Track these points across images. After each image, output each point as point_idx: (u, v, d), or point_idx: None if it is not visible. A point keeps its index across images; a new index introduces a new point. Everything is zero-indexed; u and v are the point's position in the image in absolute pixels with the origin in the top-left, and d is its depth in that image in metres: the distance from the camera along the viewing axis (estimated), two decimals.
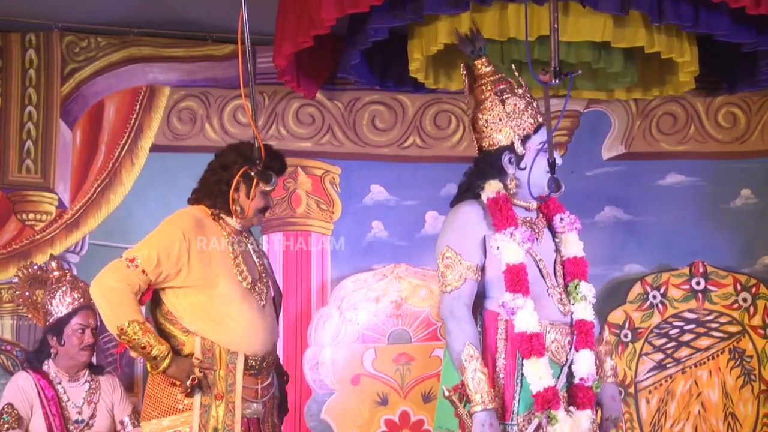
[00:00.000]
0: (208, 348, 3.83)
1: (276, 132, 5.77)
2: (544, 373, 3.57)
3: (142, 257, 3.79)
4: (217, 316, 3.85)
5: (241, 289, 3.90)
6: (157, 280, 3.82)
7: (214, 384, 3.81)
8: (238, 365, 3.82)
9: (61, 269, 4.97)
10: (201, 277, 3.84)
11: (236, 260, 3.91)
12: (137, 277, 3.78)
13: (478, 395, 3.52)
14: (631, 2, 4.58)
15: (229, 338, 3.85)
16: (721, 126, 5.90)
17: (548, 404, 3.55)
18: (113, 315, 3.75)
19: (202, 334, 3.85)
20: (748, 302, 5.80)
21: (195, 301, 3.85)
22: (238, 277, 3.90)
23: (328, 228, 5.76)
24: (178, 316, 3.88)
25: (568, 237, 3.84)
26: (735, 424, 5.73)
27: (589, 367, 3.70)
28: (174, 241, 3.82)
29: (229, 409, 3.79)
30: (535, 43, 4.78)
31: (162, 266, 3.79)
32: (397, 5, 4.63)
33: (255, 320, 3.90)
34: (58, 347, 4.73)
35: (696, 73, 5.11)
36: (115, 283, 3.78)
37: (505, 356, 3.64)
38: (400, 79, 5.50)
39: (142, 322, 3.76)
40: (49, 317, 4.77)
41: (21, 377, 4.74)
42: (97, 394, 4.80)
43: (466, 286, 3.67)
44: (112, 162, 5.63)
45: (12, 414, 4.60)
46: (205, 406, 3.80)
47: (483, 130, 3.84)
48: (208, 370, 3.80)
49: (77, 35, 5.61)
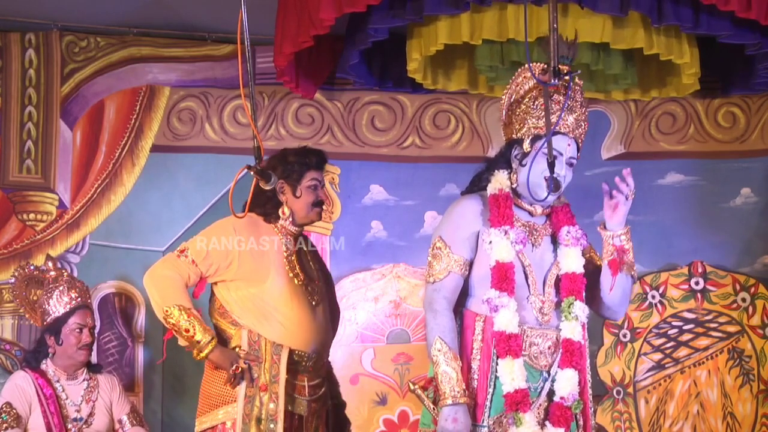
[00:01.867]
0: (254, 340, 3.91)
1: (275, 132, 5.77)
2: (517, 374, 3.55)
3: (192, 248, 3.92)
4: (265, 309, 3.93)
5: (292, 286, 3.97)
6: (208, 272, 3.93)
7: (259, 376, 3.86)
8: (282, 357, 3.88)
9: (57, 269, 4.97)
10: (252, 271, 3.92)
11: (289, 258, 3.98)
12: (187, 267, 3.90)
13: (447, 389, 3.50)
14: (630, 3, 4.58)
15: (275, 331, 3.92)
16: (721, 125, 5.90)
17: (517, 406, 3.53)
18: (161, 299, 3.87)
19: (249, 326, 3.93)
20: (747, 302, 5.81)
21: (245, 294, 3.94)
22: (289, 274, 3.98)
23: (328, 228, 5.77)
24: (229, 309, 3.97)
25: (569, 251, 3.74)
26: (734, 423, 5.74)
27: (571, 387, 3.64)
28: (226, 235, 3.93)
29: (273, 399, 3.84)
30: (535, 44, 4.78)
31: (212, 258, 3.91)
32: (397, 5, 4.63)
33: (303, 317, 3.96)
34: (56, 346, 4.73)
35: (698, 75, 5.11)
36: (164, 270, 3.91)
37: (480, 357, 3.61)
38: (399, 80, 5.51)
39: (188, 308, 3.86)
40: (47, 317, 4.77)
41: (19, 376, 4.74)
42: (95, 392, 4.80)
43: (449, 279, 3.65)
44: (113, 162, 5.63)
45: (10, 413, 4.61)
46: (249, 397, 3.85)
47: (511, 121, 3.81)
48: (253, 361, 3.87)
49: (77, 35, 5.61)
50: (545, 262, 3.76)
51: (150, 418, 5.30)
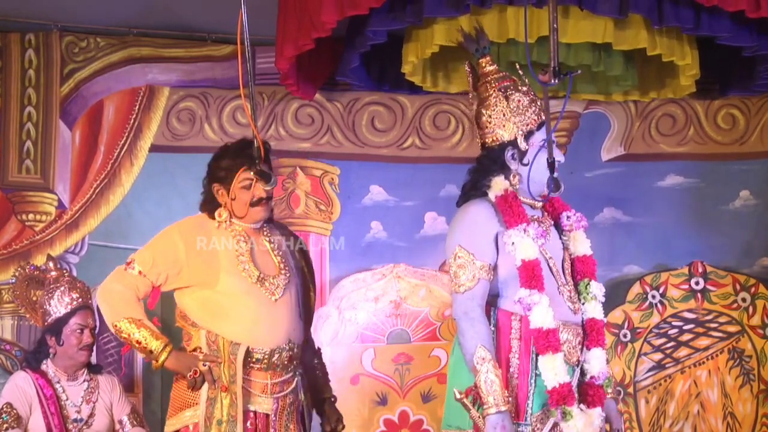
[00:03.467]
0: (212, 340, 3.90)
1: (275, 132, 5.77)
2: (559, 369, 3.57)
3: (139, 259, 3.92)
4: (220, 310, 3.91)
5: (245, 284, 3.94)
6: (158, 281, 3.93)
7: (220, 377, 3.84)
8: (239, 356, 3.85)
9: (58, 269, 4.97)
10: (203, 274, 3.91)
11: (240, 257, 3.95)
12: (134, 279, 3.90)
13: (491, 397, 3.51)
14: (629, 5, 4.58)
15: (230, 330, 3.90)
16: (721, 127, 5.90)
17: (563, 400, 3.55)
18: (110, 314, 3.87)
19: (206, 326, 3.92)
20: (747, 302, 5.81)
21: (200, 297, 3.94)
22: (242, 273, 3.94)
23: (327, 228, 5.77)
24: (187, 312, 3.97)
25: (576, 235, 3.83)
26: (734, 423, 5.74)
27: (601, 365, 3.70)
28: (170, 243, 3.93)
29: (233, 400, 3.82)
30: (535, 45, 4.78)
31: (159, 267, 3.90)
32: (397, 8, 4.63)
33: (260, 314, 3.93)
34: (56, 347, 4.73)
35: (697, 76, 5.10)
36: (112, 285, 3.92)
37: (519, 356, 3.64)
38: (397, 83, 5.49)
39: (139, 319, 3.85)
40: (48, 317, 4.77)
41: (20, 377, 4.74)
42: (95, 393, 4.80)
43: (479, 286, 3.66)
44: (112, 162, 5.63)
45: (11, 413, 4.61)
46: (211, 399, 3.85)
47: (486, 126, 3.83)
48: (212, 362, 3.85)
49: (77, 35, 5.61)
50: (559, 251, 3.80)
51: (149, 418, 5.29)
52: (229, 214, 4.02)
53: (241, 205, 4.00)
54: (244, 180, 3.99)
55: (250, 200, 4.01)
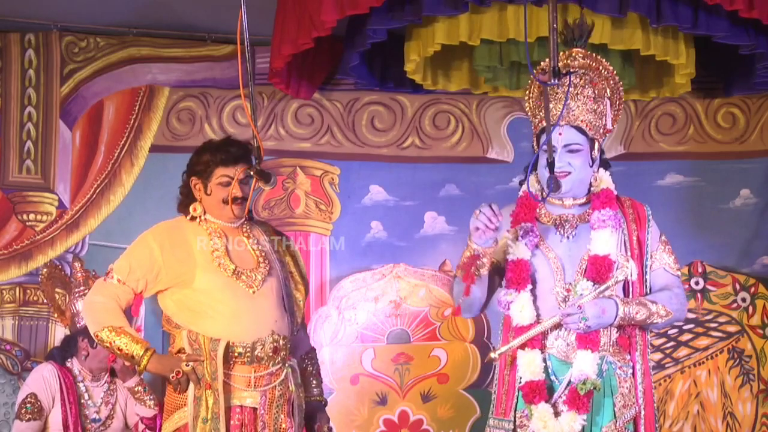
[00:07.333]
0: (193, 339, 3.89)
1: (275, 132, 5.78)
2: (534, 365, 3.57)
3: (116, 269, 3.93)
4: (198, 307, 3.91)
5: (222, 279, 3.93)
6: (138, 287, 3.93)
7: (204, 375, 3.85)
8: (219, 352, 3.84)
9: (84, 270, 5.00)
10: (179, 273, 3.91)
11: (215, 253, 3.95)
12: (114, 288, 3.90)
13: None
14: (629, 4, 4.59)
15: (210, 326, 3.89)
16: (721, 126, 5.90)
17: (532, 397, 3.55)
18: (92, 324, 3.88)
19: (187, 326, 3.92)
20: (746, 302, 5.81)
21: (180, 297, 3.93)
22: (218, 269, 3.94)
23: (327, 228, 5.77)
24: (170, 313, 3.97)
25: (595, 234, 3.70)
26: (734, 423, 5.74)
27: (580, 367, 3.58)
28: (145, 248, 3.93)
29: (216, 397, 3.82)
30: (534, 45, 4.78)
31: (136, 273, 3.91)
32: (396, 7, 4.64)
33: (238, 307, 3.92)
34: (89, 349, 4.78)
35: (692, 75, 5.11)
36: (93, 297, 3.93)
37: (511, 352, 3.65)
38: (400, 81, 5.51)
39: (119, 326, 3.85)
40: (79, 319, 4.80)
41: (47, 369, 4.80)
42: (114, 395, 4.85)
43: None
44: (112, 162, 5.64)
45: (35, 404, 4.66)
46: (197, 398, 3.84)
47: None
48: (195, 361, 3.85)
49: (76, 36, 5.62)
50: (580, 251, 3.72)
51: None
52: (203, 210, 4.02)
53: (215, 202, 3.99)
54: (221, 177, 3.98)
55: (224, 198, 4.01)
